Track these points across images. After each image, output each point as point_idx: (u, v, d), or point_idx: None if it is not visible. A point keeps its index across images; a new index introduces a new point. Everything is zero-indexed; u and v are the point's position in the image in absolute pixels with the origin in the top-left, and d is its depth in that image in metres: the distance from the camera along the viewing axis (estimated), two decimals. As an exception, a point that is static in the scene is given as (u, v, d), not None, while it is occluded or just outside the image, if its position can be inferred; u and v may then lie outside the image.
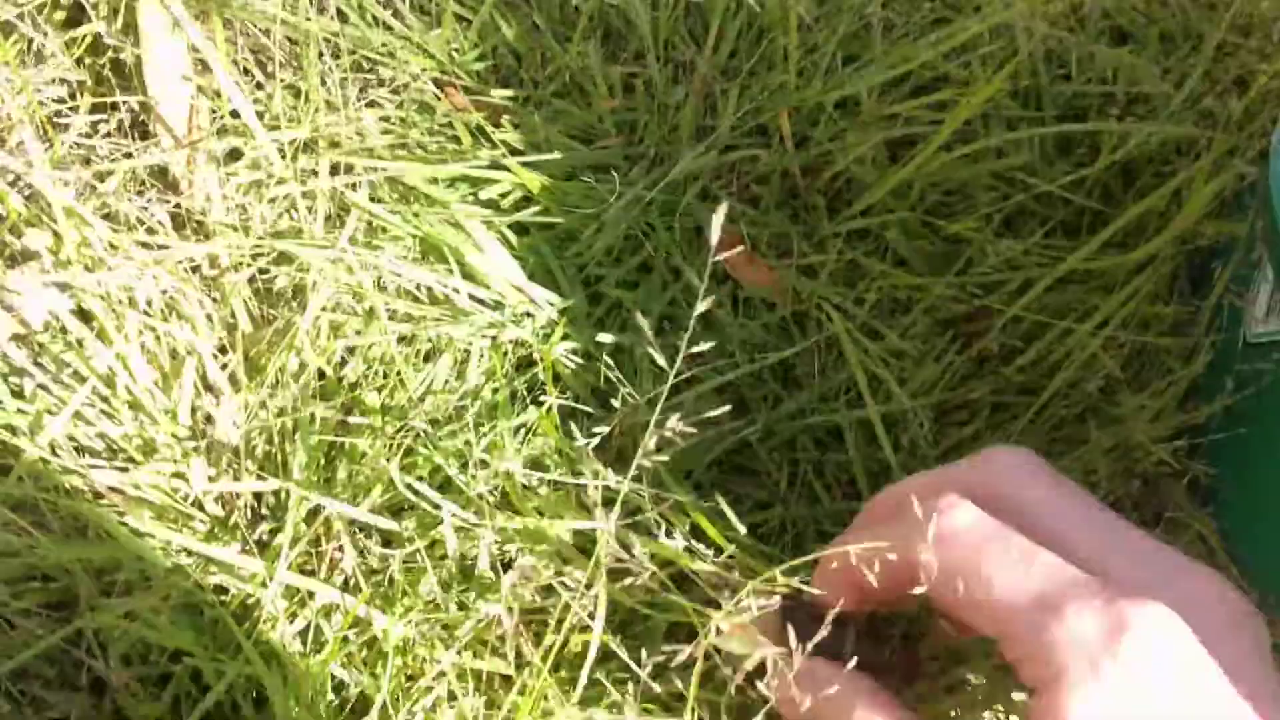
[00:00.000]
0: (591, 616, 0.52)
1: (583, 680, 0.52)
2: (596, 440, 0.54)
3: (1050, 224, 0.65)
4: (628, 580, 0.50)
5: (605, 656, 0.53)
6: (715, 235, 0.46)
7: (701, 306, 0.48)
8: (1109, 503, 0.60)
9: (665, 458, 0.51)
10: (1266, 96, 0.67)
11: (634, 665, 0.51)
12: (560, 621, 0.53)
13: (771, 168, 0.64)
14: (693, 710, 0.49)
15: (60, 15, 0.66)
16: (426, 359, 0.60)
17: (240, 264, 0.60)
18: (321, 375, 0.59)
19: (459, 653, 0.53)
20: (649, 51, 0.66)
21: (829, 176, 0.64)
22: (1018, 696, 0.49)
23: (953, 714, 0.51)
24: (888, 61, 0.65)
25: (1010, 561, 0.42)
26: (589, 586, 0.52)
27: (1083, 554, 0.43)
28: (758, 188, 0.65)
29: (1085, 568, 0.42)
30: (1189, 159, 0.65)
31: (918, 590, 0.44)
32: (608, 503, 0.51)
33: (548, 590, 0.54)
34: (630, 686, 0.54)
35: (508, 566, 0.55)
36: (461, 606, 0.54)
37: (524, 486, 0.56)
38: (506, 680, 0.54)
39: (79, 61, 0.66)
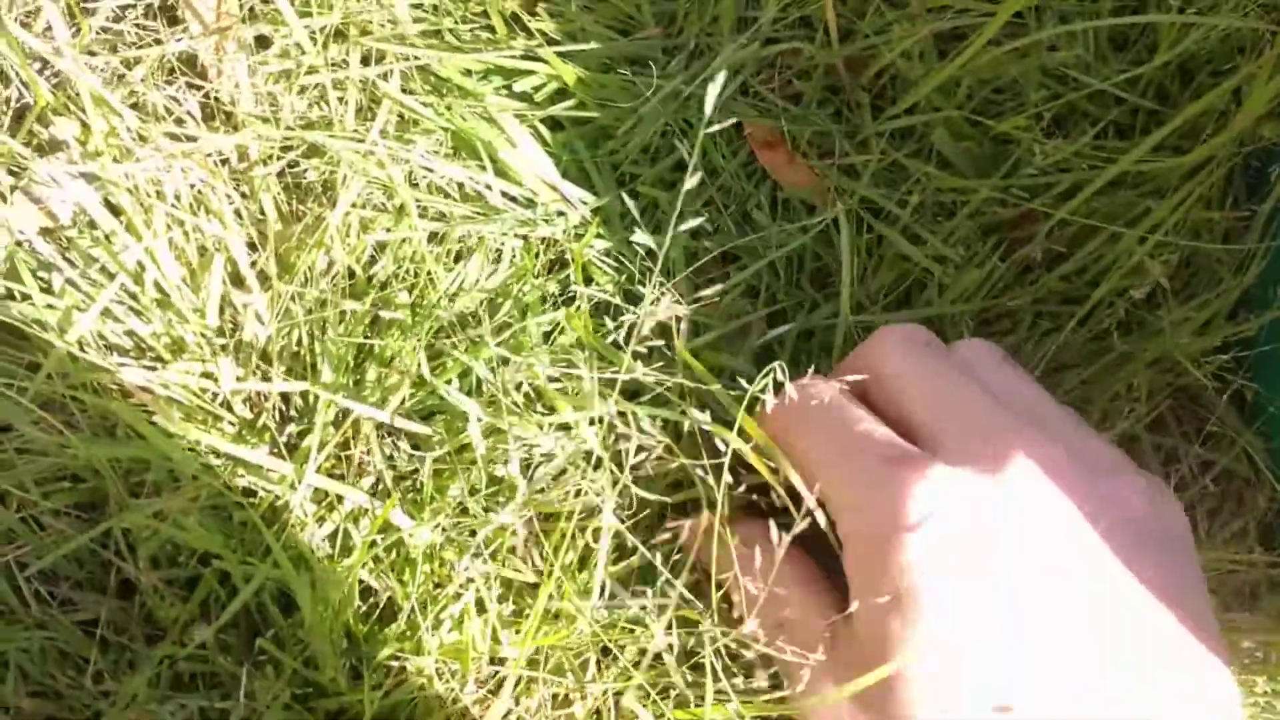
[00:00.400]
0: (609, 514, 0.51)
1: (598, 578, 0.51)
2: (623, 331, 0.52)
3: (1102, 124, 0.62)
4: (639, 456, 0.51)
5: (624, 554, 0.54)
6: (710, 107, 0.45)
7: (690, 183, 0.46)
8: (1151, 419, 0.59)
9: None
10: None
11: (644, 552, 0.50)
12: (581, 522, 0.52)
13: (815, 62, 0.61)
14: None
15: (86, -108, 0.64)
16: (457, 258, 0.58)
17: (270, 157, 0.59)
18: (351, 274, 0.57)
19: (484, 560, 0.53)
20: (690, -63, 0.63)
21: (874, 72, 0.62)
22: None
23: None
24: (939, -50, 0.61)
25: (826, 426, 0.46)
26: (596, 467, 0.52)
27: (920, 424, 0.45)
28: (800, 83, 0.62)
29: (920, 437, 0.45)
30: (1252, 57, 0.61)
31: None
32: (632, 395, 0.51)
33: (579, 493, 0.54)
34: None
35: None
36: (489, 511, 0.54)
37: (550, 379, 0.55)
38: (534, 587, 0.54)
39: (105, -59, 0.64)
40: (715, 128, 0.59)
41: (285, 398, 0.56)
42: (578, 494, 0.52)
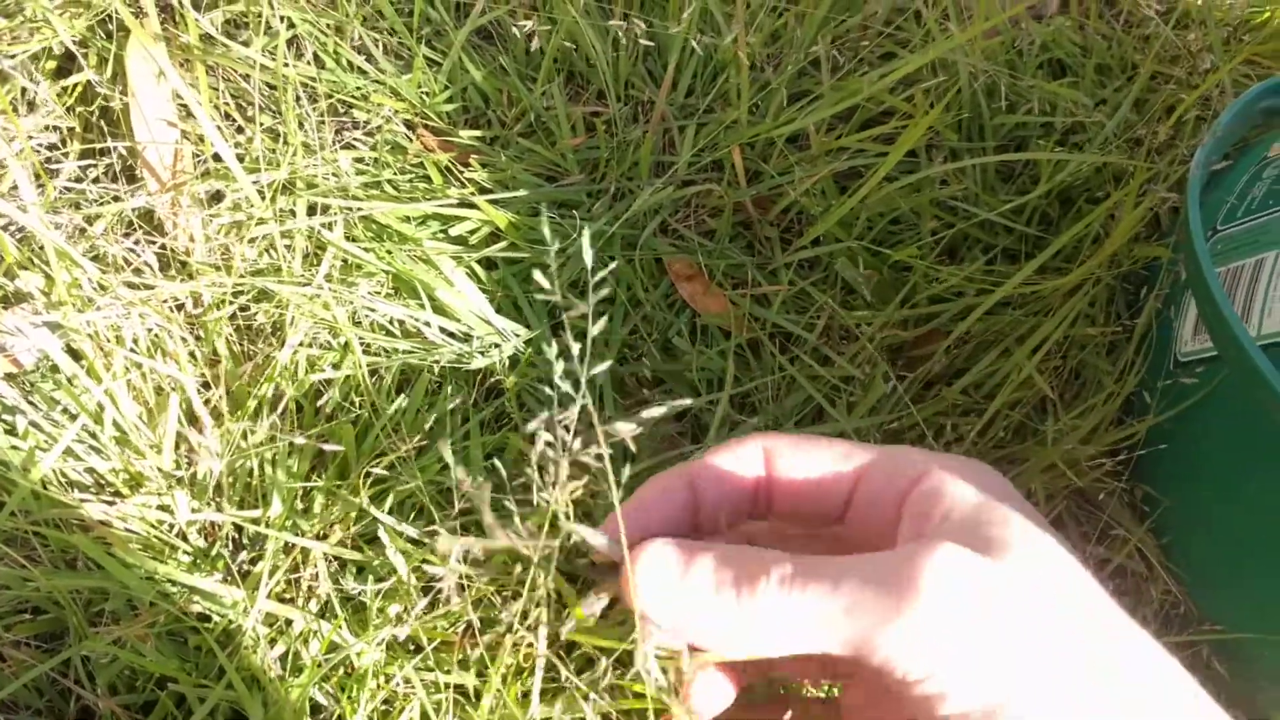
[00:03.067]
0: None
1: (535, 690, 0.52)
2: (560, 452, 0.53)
3: (992, 251, 0.64)
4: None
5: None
6: (589, 258, 0.45)
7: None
8: (1051, 520, 0.60)
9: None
10: (1191, 124, 0.67)
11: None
12: (510, 640, 0.53)
13: (726, 201, 0.63)
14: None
15: (52, 65, 0.66)
16: (399, 390, 0.59)
17: (222, 302, 0.60)
18: (299, 408, 0.58)
19: (418, 669, 0.53)
20: (610, 92, 0.66)
21: (781, 209, 0.64)
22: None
23: None
24: (835, 97, 0.64)
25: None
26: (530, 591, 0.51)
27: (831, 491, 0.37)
28: (713, 221, 0.64)
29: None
30: (1123, 186, 0.64)
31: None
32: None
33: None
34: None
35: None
36: (431, 627, 0.54)
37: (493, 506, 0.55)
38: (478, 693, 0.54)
39: (70, 109, 0.65)
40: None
41: (238, 526, 0.56)
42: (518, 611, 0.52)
